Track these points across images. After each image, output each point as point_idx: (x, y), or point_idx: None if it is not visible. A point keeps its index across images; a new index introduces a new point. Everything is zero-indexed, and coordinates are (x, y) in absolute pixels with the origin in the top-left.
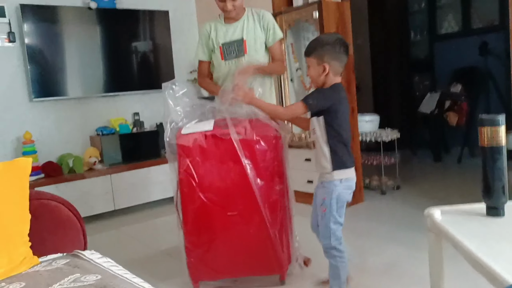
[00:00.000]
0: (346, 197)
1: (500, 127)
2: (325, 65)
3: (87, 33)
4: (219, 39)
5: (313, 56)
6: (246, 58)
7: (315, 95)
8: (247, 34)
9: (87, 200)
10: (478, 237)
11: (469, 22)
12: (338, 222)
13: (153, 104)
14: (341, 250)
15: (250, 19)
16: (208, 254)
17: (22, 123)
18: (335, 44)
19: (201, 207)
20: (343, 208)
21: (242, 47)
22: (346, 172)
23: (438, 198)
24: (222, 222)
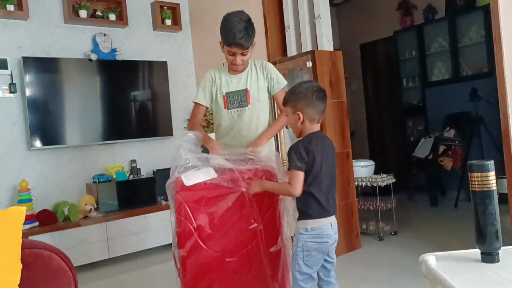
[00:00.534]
0: (315, 246)
1: (489, 173)
2: (299, 113)
3: (87, 83)
4: (223, 88)
5: (289, 105)
6: (249, 108)
7: (293, 156)
8: (250, 85)
9: (82, 248)
10: (473, 283)
11: (458, 69)
12: (303, 272)
13: (150, 151)
14: None
15: (253, 70)
16: None
17: (19, 172)
18: (308, 92)
19: (199, 253)
20: (312, 258)
21: (246, 97)
22: (310, 223)
23: (436, 243)
24: (220, 268)
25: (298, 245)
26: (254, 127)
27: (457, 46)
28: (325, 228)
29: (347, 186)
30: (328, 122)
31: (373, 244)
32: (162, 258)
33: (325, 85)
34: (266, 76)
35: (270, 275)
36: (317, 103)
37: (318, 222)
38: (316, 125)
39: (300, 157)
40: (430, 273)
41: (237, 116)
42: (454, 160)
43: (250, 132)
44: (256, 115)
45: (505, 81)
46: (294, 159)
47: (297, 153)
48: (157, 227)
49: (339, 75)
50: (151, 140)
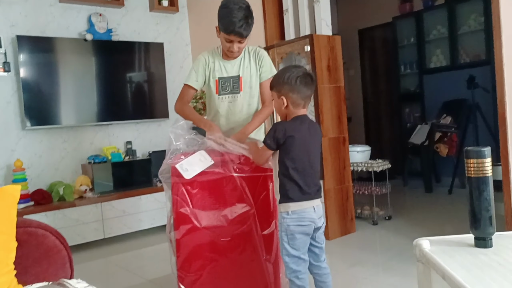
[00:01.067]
0: (298, 229)
1: (485, 159)
2: (283, 97)
3: (82, 63)
4: (216, 72)
5: (274, 89)
6: (241, 95)
7: (270, 133)
8: (243, 71)
9: (77, 228)
10: (466, 267)
11: (456, 57)
12: (292, 255)
13: (146, 133)
14: (297, 285)
15: (247, 56)
16: (200, 280)
17: (13, 151)
18: (292, 77)
19: (194, 233)
20: (297, 240)
21: (238, 84)
22: (292, 206)
23: (429, 228)
24: (214, 249)
25: (282, 229)
26: (245, 114)
27: (456, 34)
28: (308, 211)
29: (343, 171)
30: (325, 107)
31: (367, 228)
32: (157, 239)
33: (323, 70)
34: (258, 62)
35: (264, 256)
36: (302, 88)
37: (300, 205)
38: (301, 109)
39: (274, 136)
40: (423, 257)
41: (228, 102)
42: (450, 147)
43: (241, 119)
44: (247, 102)
45: (503, 68)
46: (268, 136)
47: (274, 132)
48: (152, 208)
49: (337, 60)
50: (146, 122)
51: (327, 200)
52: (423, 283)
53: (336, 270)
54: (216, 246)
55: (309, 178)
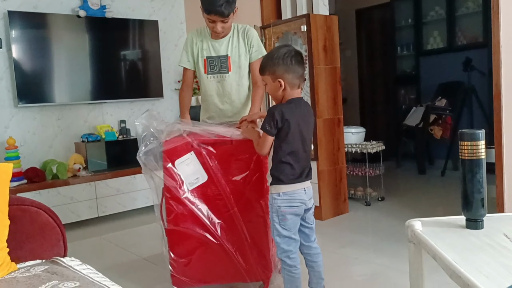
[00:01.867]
0: (289, 210)
1: (479, 141)
2: (279, 80)
3: (75, 40)
4: (204, 51)
5: (267, 73)
6: (230, 75)
7: (267, 119)
8: (231, 51)
9: (71, 206)
10: (457, 248)
11: (454, 39)
12: (282, 235)
13: (140, 112)
14: (289, 264)
15: (235, 35)
16: (191, 261)
17: (5, 129)
18: (286, 57)
19: (185, 214)
20: (288, 221)
21: (226, 64)
22: (283, 187)
23: (421, 210)
24: (206, 229)
25: (273, 210)
26: (236, 95)
27: (454, 15)
28: (298, 192)
29: (337, 152)
30: (320, 88)
31: (360, 209)
32: (151, 217)
33: (319, 50)
34: (247, 42)
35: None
36: (296, 67)
37: (291, 187)
38: (296, 90)
39: (272, 122)
40: (415, 237)
41: (216, 82)
42: (444, 129)
43: (232, 100)
44: (237, 82)
45: (500, 51)
46: (266, 123)
47: (271, 118)
48: (146, 187)
49: (334, 41)
50: (141, 101)
51: (321, 181)
52: (414, 264)
53: (327, 250)
54: (206, 229)
55: (303, 161)
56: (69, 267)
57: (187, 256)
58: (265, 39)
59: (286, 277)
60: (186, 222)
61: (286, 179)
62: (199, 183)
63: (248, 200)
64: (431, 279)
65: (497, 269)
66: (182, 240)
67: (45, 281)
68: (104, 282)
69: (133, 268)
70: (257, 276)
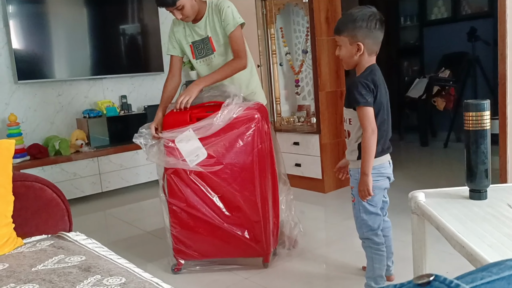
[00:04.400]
0: (377, 184)
1: (485, 112)
2: (359, 44)
3: (74, 15)
4: (188, 37)
5: (345, 34)
6: (216, 55)
7: (362, 91)
8: (210, 31)
9: (74, 182)
10: (460, 219)
11: (458, 9)
12: (368, 211)
13: (140, 87)
14: (376, 242)
15: (210, 14)
16: (192, 235)
17: (7, 105)
18: (370, 19)
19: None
20: (376, 196)
21: (209, 45)
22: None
23: (425, 181)
24: (207, 203)
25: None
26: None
27: None
28: (385, 166)
29: (340, 125)
30: (323, 61)
31: None
32: (154, 192)
33: (322, 22)
34: (220, 17)
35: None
36: (379, 33)
37: (379, 160)
38: (373, 57)
39: (368, 90)
40: (418, 209)
41: (206, 65)
42: (447, 101)
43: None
44: (224, 60)
45: (506, 20)
46: (363, 94)
47: (365, 87)
48: (149, 162)
49: (336, 12)
50: (141, 76)
51: (323, 154)
52: (418, 234)
53: (331, 222)
54: (205, 203)
55: (388, 132)
56: (75, 241)
57: (187, 229)
58: (266, 11)
59: (375, 256)
60: (185, 196)
61: (375, 152)
62: (199, 160)
63: (248, 175)
64: (434, 249)
65: (501, 239)
66: (182, 214)
67: (52, 255)
68: (110, 256)
69: (137, 242)
70: (257, 251)
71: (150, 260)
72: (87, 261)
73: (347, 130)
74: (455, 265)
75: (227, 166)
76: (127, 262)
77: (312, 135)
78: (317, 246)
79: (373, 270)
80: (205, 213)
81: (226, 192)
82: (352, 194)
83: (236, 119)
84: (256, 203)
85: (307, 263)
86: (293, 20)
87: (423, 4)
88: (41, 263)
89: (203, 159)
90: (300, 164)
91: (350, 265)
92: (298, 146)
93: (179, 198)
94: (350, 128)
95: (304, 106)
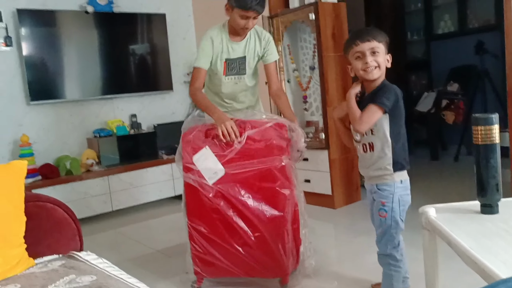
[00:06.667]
0: (406, 198)
1: (493, 126)
2: (389, 55)
3: (84, 36)
4: (224, 54)
5: (383, 42)
6: (246, 77)
7: (386, 95)
8: (248, 52)
9: (85, 201)
10: (472, 234)
11: (465, 22)
12: (399, 228)
13: (150, 105)
14: (397, 259)
15: (253, 37)
16: (210, 253)
17: (19, 126)
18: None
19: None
20: (405, 212)
21: (244, 65)
22: (403, 174)
23: (435, 196)
24: (228, 221)
25: (394, 201)
26: (250, 94)
27: None
28: (408, 179)
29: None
30: (330, 77)
31: None
32: (164, 210)
33: (328, 38)
34: (264, 47)
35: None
36: None
37: (406, 175)
38: None
39: (395, 100)
40: (429, 224)
41: (233, 83)
42: (456, 114)
43: (246, 99)
44: (250, 83)
45: None
46: (385, 98)
47: (392, 93)
48: (158, 181)
49: (343, 28)
50: (151, 95)
51: (333, 170)
52: (429, 251)
53: (343, 239)
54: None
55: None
56: (86, 261)
57: (206, 247)
58: (273, 28)
59: (394, 273)
60: (204, 216)
61: (406, 163)
62: (217, 178)
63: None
64: (447, 266)
65: None
66: (201, 232)
67: (63, 275)
68: (121, 276)
69: (148, 260)
70: (275, 272)
71: (161, 279)
72: (98, 281)
73: (369, 143)
74: (468, 281)
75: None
76: (138, 281)
77: (321, 151)
78: (329, 263)
79: (392, 287)
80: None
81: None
82: (384, 210)
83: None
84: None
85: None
86: (300, 37)
87: (429, 19)
88: (52, 283)
89: (221, 176)
90: (309, 180)
91: (364, 282)
92: (307, 162)
93: (198, 217)
94: (374, 139)
95: (312, 122)
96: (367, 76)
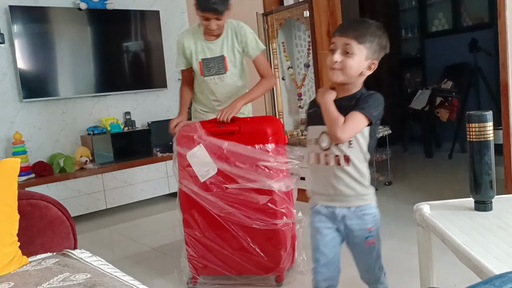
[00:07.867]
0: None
1: (487, 123)
2: (374, 62)
3: (77, 33)
4: (199, 54)
5: (367, 44)
6: (228, 75)
7: (375, 103)
8: (227, 51)
9: (79, 199)
10: (466, 231)
11: (459, 20)
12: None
13: (144, 103)
14: (385, 283)
15: (229, 34)
16: (206, 250)
17: (12, 124)
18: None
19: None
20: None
21: (223, 64)
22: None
23: (429, 193)
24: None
25: (376, 225)
26: (234, 94)
27: None
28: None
29: None
30: (325, 74)
31: None
32: (158, 208)
33: (323, 35)
34: (241, 41)
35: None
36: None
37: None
38: None
39: (380, 108)
40: (424, 221)
41: (214, 84)
42: (451, 112)
43: (231, 99)
44: (234, 81)
45: (507, 30)
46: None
47: (380, 103)
48: (153, 178)
49: (337, 25)
50: (145, 92)
51: None
52: (424, 247)
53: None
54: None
55: None
56: (80, 259)
57: (202, 244)
58: (268, 26)
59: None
60: (199, 212)
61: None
62: (210, 175)
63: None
64: (441, 261)
65: (507, 250)
66: (197, 229)
67: (57, 273)
68: (115, 273)
69: (143, 258)
70: (271, 269)
71: (156, 276)
72: (92, 279)
73: (344, 156)
74: (462, 277)
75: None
76: (132, 279)
77: None
78: None
79: None
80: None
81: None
82: (372, 236)
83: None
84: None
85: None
86: (294, 34)
87: (423, 16)
88: (46, 282)
89: (213, 174)
90: (304, 178)
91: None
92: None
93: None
94: (351, 151)
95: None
96: (330, 76)
